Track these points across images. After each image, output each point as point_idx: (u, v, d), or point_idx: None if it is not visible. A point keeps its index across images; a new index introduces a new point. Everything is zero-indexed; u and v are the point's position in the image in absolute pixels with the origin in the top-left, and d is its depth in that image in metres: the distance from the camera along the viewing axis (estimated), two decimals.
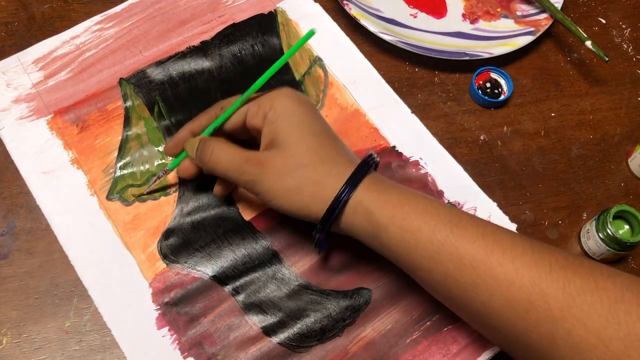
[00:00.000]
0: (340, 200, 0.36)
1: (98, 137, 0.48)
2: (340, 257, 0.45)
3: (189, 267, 0.43)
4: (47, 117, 0.48)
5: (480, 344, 0.42)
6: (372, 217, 0.36)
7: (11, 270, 0.43)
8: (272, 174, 0.38)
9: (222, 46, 0.52)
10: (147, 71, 0.51)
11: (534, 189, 0.50)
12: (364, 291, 0.44)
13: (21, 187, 0.46)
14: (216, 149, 0.40)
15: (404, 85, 0.53)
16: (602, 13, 0.60)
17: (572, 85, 0.55)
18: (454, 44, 0.55)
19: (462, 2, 0.58)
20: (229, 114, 0.41)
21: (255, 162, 0.38)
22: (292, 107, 0.39)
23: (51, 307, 0.42)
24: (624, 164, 0.52)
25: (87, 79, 0.50)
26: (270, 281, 0.43)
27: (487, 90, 0.53)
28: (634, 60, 0.57)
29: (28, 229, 0.45)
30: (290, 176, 0.37)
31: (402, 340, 0.42)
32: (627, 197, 0.50)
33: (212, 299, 0.43)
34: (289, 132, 0.38)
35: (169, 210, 0.45)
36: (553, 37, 0.58)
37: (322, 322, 0.42)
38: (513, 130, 0.52)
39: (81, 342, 0.41)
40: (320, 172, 0.37)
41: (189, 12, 0.54)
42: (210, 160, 0.40)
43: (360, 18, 0.53)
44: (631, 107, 0.55)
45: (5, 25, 0.53)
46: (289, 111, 0.39)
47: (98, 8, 0.54)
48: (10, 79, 0.50)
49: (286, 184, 0.37)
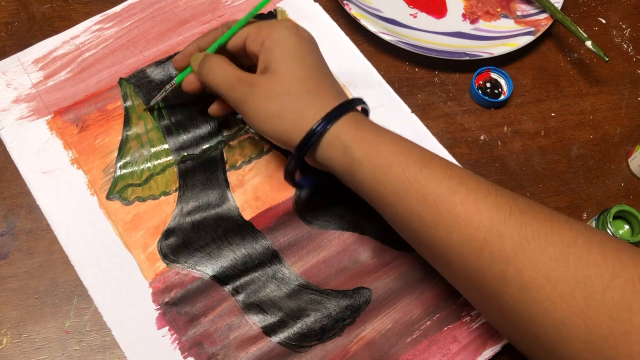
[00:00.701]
0: (317, 131, 0.38)
1: (98, 137, 0.48)
2: (341, 257, 0.45)
3: (189, 267, 0.43)
4: (47, 117, 0.48)
5: (480, 344, 0.42)
6: (347, 152, 0.38)
7: (11, 270, 0.43)
8: (259, 96, 0.39)
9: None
10: (147, 71, 0.51)
11: (534, 189, 0.50)
12: (364, 291, 0.44)
13: (21, 187, 0.46)
14: (214, 64, 0.42)
15: (404, 85, 0.53)
16: (602, 13, 0.60)
17: (572, 85, 0.55)
18: (454, 44, 0.55)
19: (462, 2, 0.58)
20: (232, 32, 0.43)
21: (246, 82, 0.40)
22: (289, 38, 0.40)
23: (51, 307, 0.42)
24: (624, 164, 0.52)
25: (87, 79, 0.50)
26: (270, 281, 0.43)
27: (487, 90, 0.53)
28: (634, 60, 0.57)
29: (28, 229, 0.45)
30: (274, 101, 0.39)
31: (402, 340, 0.42)
32: (627, 197, 0.50)
33: (212, 298, 0.43)
34: (281, 60, 0.40)
35: (169, 209, 0.45)
36: (553, 37, 0.58)
37: (322, 321, 0.42)
38: (513, 130, 0.52)
39: (81, 342, 0.41)
40: (303, 102, 0.39)
41: (188, 12, 0.54)
42: (207, 73, 0.42)
43: (360, 18, 0.53)
44: (631, 107, 0.55)
45: (5, 25, 0.53)
46: (286, 41, 0.40)
47: (98, 8, 0.54)
48: (10, 79, 0.50)
49: (270, 108, 0.39)
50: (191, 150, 0.48)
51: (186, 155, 0.48)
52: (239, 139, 0.49)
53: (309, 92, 0.39)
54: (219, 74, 0.42)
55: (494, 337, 0.42)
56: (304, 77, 0.39)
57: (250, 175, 0.47)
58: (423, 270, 0.44)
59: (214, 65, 0.42)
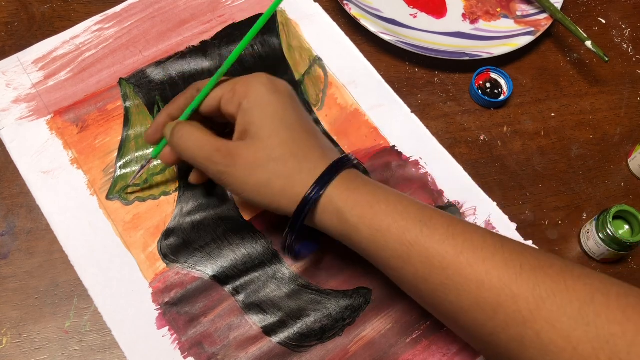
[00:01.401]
0: (310, 199, 0.36)
1: (98, 137, 0.48)
2: (341, 257, 0.45)
3: (189, 267, 0.43)
4: (47, 117, 0.48)
5: None
6: (342, 217, 0.36)
7: (11, 270, 0.43)
8: (243, 166, 0.37)
9: (221, 46, 0.52)
10: (146, 71, 0.51)
11: (534, 189, 0.50)
12: (364, 291, 0.44)
13: (21, 187, 0.46)
14: (186, 134, 0.39)
15: (404, 85, 0.53)
16: (602, 13, 0.60)
17: (572, 85, 0.55)
18: (454, 44, 0.55)
19: (462, 2, 0.58)
20: (204, 95, 0.40)
21: (226, 152, 0.37)
22: (267, 96, 0.38)
23: (51, 307, 0.42)
24: (624, 164, 0.52)
25: (87, 79, 0.50)
26: (270, 281, 0.43)
27: (487, 90, 0.53)
28: (634, 60, 0.57)
29: (28, 229, 0.45)
30: (260, 169, 0.37)
31: (402, 340, 0.42)
32: (627, 197, 0.50)
33: (212, 298, 0.43)
34: (262, 123, 0.37)
35: (168, 210, 0.45)
36: (553, 37, 0.58)
37: (322, 321, 0.42)
38: (513, 130, 0.52)
39: (81, 342, 0.41)
40: (291, 167, 0.37)
41: (188, 12, 0.54)
42: (179, 145, 0.39)
43: (360, 18, 0.53)
44: (631, 107, 0.55)
45: (5, 25, 0.53)
46: (264, 101, 0.38)
47: (98, 8, 0.54)
48: (10, 79, 0.50)
49: (256, 178, 0.37)
50: None
51: None
52: None
53: (294, 155, 0.37)
54: (192, 145, 0.38)
55: None
56: (287, 139, 0.37)
57: None
58: None
59: (186, 134, 0.39)
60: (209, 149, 0.38)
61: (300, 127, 0.38)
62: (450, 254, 0.33)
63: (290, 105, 0.39)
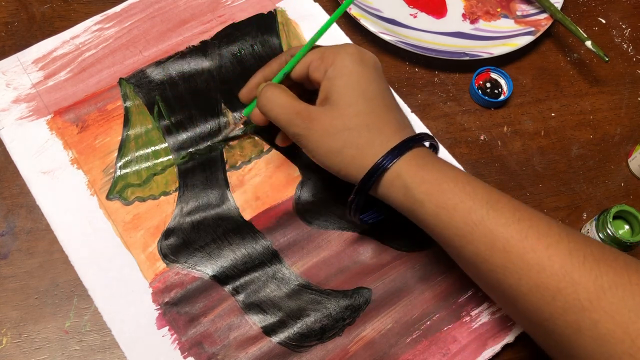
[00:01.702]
0: (379, 169, 0.37)
1: (98, 137, 0.48)
2: (340, 257, 0.45)
3: (189, 267, 0.43)
4: (47, 117, 0.48)
5: (480, 344, 0.42)
6: (408, 192, 0.37)
7: (11, 270, 0.43)
8: (319, 131, 0.38)
9: (221, 46, 0.52)
10: (146, 71, 0.51)
11: (534, 189, 0.50)
12: (364, 291, 0.43)
13: (21, 187, 0.46)
14: (272, 95, 0.41)
15: (404, 85, 0.53)
16: (602, 13, 0.60)
17: (572, 85, 0.55)
18: (454, 44, 0.55)
19: (462, 2, 0.58)
20: (295, 60, 0.42)
21: (305, 116, 0.39)
22: (351, 66, 0.39)
23: (51, 307, 0.42)
24: (624, 164, 0.52)
25: (87, 79, 0.50)
26: (270, 281, 0.43)
27: (487, 90, 0.53)
28: (634, 60, 0.57)
29: (28, 229, 0.45)
30: (334, 137, 0.38)
31: (402, 340, 0.42)
32: (627, 197, 0.50)
33: (212, 298, 0.43)
34: (342, 92, 0.39)
35: (168, 209, 0.45)
36: (553, 37, 0.58)
37: (322, 321, 0.42)
38: (513, 130, 0.52)
39: (81, 342, 0.41)
40: (364, 138, 0.38)
41: (188, 12, 0.54)
42: (265, 105, 0.41)
43: (360, 18, 0.53)
44: (631, 107, 0.55)
45: (5, 25, 0.53)
46: (348, 70, 0.39)
47: (98, 8, 0.54)
48: (10, 79, 0.50)
49: (329, 144, 0.38)
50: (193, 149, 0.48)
51: (190, 152, 0.47)
52: (239, 139, 0.49)
53: (369, 127, 0.38)
54: (277, 107, 0.40)
55: (494, 337, 0.42)
56: (364, 111, 0.38)
57: (250, 175, 0.47)
58: (423, 270, 0.44)
59: (272, 96, 0.41)
60: (290, 112, 0.40)
61: (379, 100, 0.39)
62: (514, 237, 0.34)
63: (374, 77, 0.40)
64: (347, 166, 0.38)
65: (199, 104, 0.50)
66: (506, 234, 0.34)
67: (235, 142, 0.48)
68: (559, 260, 0.33)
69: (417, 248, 0.45)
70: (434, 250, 0.45)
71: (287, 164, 0.48)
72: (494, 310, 0.43)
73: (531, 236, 0.34)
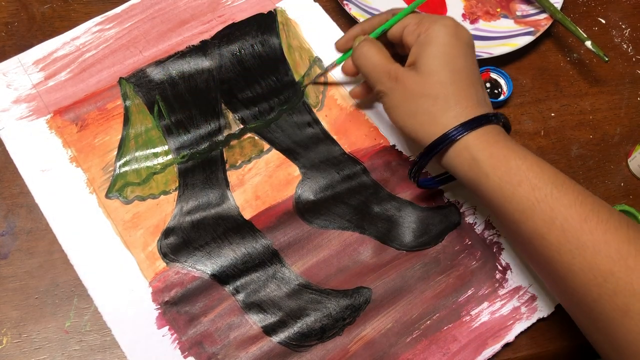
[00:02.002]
0: (447, 138, 0.38)
1: (97, 136, 0.48)
2: (340, 257, 0.45)
3: (189, 266, 0.43)
4: (46, 116, 0.48)
5: (480, 343, 0.42)
6: (474, 164, 0.38)
7: (11, 270, 0.43)
8: (399, 93, 0.41)
9: (221, 46, 0.52)
10: (146, 70, 0.51)
11: None
12: (364, 290, 0.43)
13: (21, 187, 0.46)
14: (367, 50, 0.43)
15: None
16: (602, 13, 0.60)
17: (572, 85, 0.55)
18: None
19: (462, 2, 0.58)
20: (396, 20, 0.44)
21: (393, 76, 0.41)
22: (443, 37, 0.40)
23: (51, 307, 0.42)
24: (623, 164, 0.52)
25: (87, 79, 0.50)
26: (270, 280, 0.43)
27: (487, 90, 0.53)
28: (634, 60, 0.57)
29: (28, 229, 0.45)
30: (411, 101, 0.40)
31: (402, 339, 0.42)
32: (627, 197, 0.50)
33: (212, 298, 0.42)
34: (428, 59, 0.40)
35: (168, 208, 0.45)
36: (553, 37, 0.58)
37: (322, 321, 0.42)
38: (513, 130, 0.52)
39: (81, 342, 0.41)
40: (439, 107, 0.39)
41: (188, 12, 0.54)
42: (358, 58, 0.44)
43: (360, 18, 0.53)
44: (631, 107, 0.55)
45: (6, 26, 0.53)
46: (440, 39, 0.40)
47: (98, 8, 0.54)
48: (10, 80, 0.50)
49: (406, 107, 0.40)
50: (193, 149, 0.48)
51: (190, 152, 0.47)
52: (239, 139, 0.49)
53: (446, 98, 0.39)
54: (369, 63, 0.43)
55: (494, 337, 0.42)
56: (445, 81, 0.39)
57: (250, 174, 0.47)
58: (423, 270, 0.44)
59: (368, 52, 0.43)
60: (380, 70, 0.42)
61: (464, 74, 0.40)
62: (574, 218, 0.34)
63: (464, 52, 0.41)
64: (417, 130, 0.40)
65: (198, 103, 0.50)
66: (566, 213, 0.34)
67: (236, 142, 0.48)
68: (615, 245, 0.33)
69: (417, 248, 0.45)
70: (434, 250, 0.45)
71: (287, 164, 0.48)
72: (494, 310, 0.43)
73: (591, 219, 0.34)
